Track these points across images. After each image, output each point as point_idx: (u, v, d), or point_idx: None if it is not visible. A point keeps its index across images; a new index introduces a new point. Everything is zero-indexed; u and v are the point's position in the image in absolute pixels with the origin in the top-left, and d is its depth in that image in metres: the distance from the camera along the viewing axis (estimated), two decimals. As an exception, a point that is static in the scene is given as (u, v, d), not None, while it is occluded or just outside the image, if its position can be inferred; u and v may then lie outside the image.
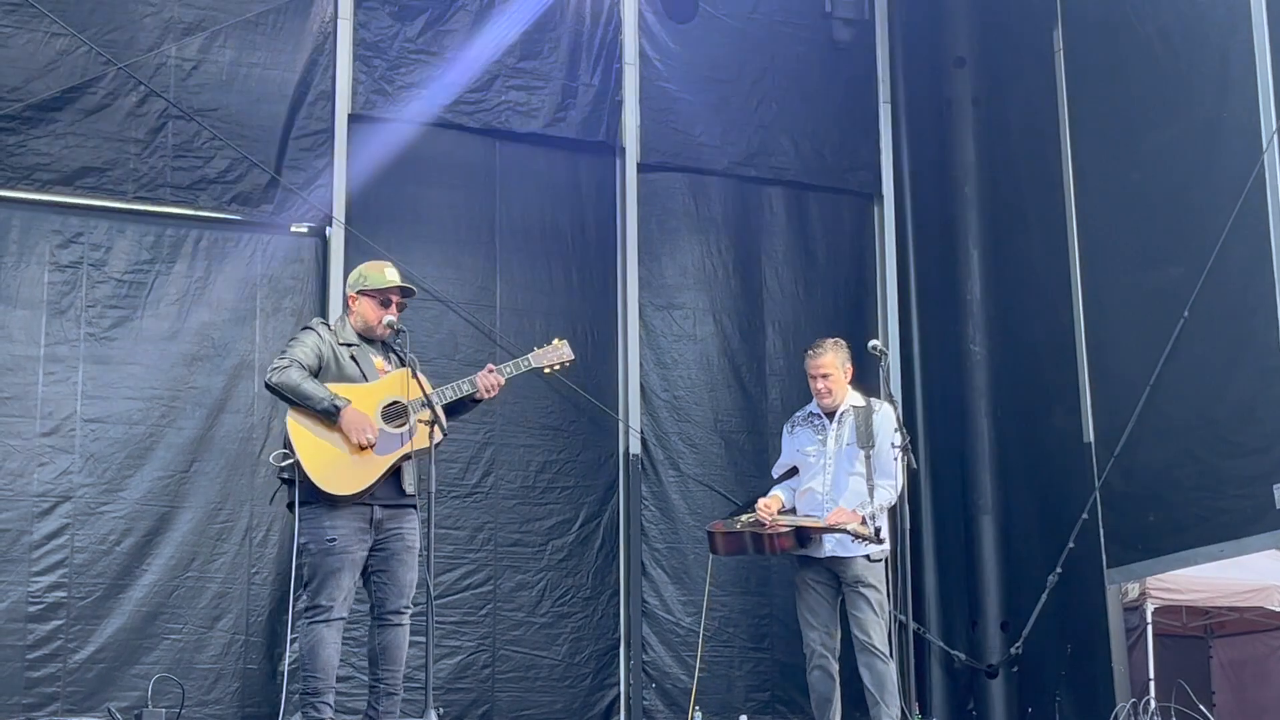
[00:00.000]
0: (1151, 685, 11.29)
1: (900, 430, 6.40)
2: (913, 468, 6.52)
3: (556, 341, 6.19)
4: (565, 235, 8.64)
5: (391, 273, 5.97)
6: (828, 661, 6.52)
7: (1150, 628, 12.06)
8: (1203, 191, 7.30)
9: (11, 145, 7.40)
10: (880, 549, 6.44)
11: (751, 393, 8.89)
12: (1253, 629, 13.60)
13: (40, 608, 7.16)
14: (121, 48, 7.67)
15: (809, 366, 6.66)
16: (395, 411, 5.75)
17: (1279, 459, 6.81)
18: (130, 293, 7.60)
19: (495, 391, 5.94)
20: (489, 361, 6.24)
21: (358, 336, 5.93)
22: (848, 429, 6.57)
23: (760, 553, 6.66)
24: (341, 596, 5.67)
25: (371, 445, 5.64)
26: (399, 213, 8.24)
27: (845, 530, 6.31)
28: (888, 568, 6.49)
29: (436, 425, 5.59)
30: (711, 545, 6.76)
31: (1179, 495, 7.38)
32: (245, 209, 7.85)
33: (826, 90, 9.31)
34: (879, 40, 9.53)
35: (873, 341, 6.59)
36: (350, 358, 5.85)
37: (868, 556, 6.43)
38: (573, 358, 6.19)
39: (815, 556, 6.49)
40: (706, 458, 8.70)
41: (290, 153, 7.97)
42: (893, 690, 6.35)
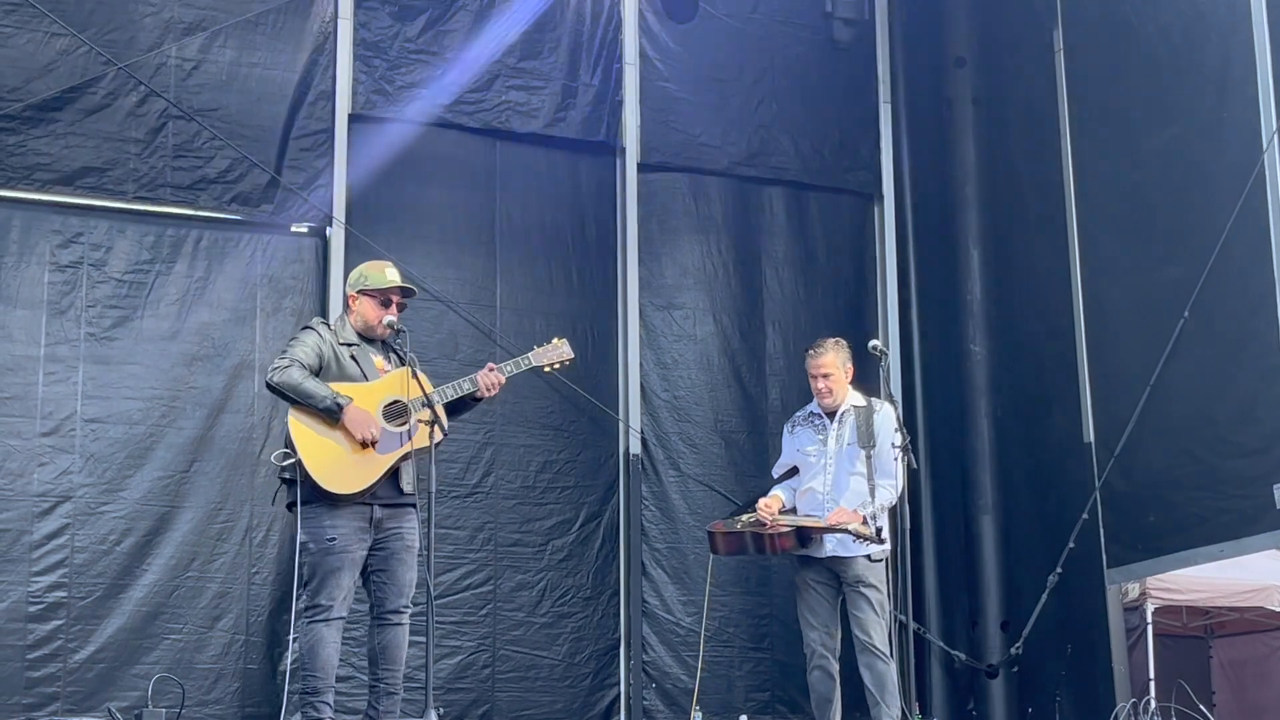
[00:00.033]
0: (1151, 685, 11.27)
1: (900, 430, 6.41)
2: (913, 468, 6.53)
3: (556, 340, 6.21)
4: (565, 235, 8.64)
5: (392, 273, 5.97)
6: (828, 662, 6.52)
7: (1150, 628, 12.05)
8: (1203, 191, 7.30)
9: (11, 145, 7.40)
10: (881, 549, 6.44)
11: (751, 393, 8.88)
12: (1253, 629, 13.58)
13: (40, 608, 7.16)
14: (121, 48, 7.67)
15: (810, 366, 6.66)
16: (396, 411, 5.75)
17: (1279, 459, 6.81)
18: (130, 293, 7.60)
19: (496, 390, 5.95)
20: (489, 361, 6.23)
21: (358, 336, 5.93)
22: (849, 429, 6.57)
23: (761, 553, 6.66)
24: (341, 596, 5.68)
25: (375, 442, 5.65)
26: (399, 213, 8.24)
27: (847, 530, 6.31)
28: (888, 568, 6.49)
29: (437, 425, 5.59)
30: (712, 545, 6.76)
31: (1179, 495, 7.38)
32: (245, 209, 7.85)
33: (826, 90, 9.30)
34: (879, 40, 9.52)
35: (873, 341, 6.60)
36: (350, 357, 5.85)
37: (869, 556, 6.43)
38: (572, 356, 6.22)
39: (816, 556, 6.49)
40: (707, 458, 8.70)
41: (290, 153, 7.97)
42: (893, 690, 6.34)
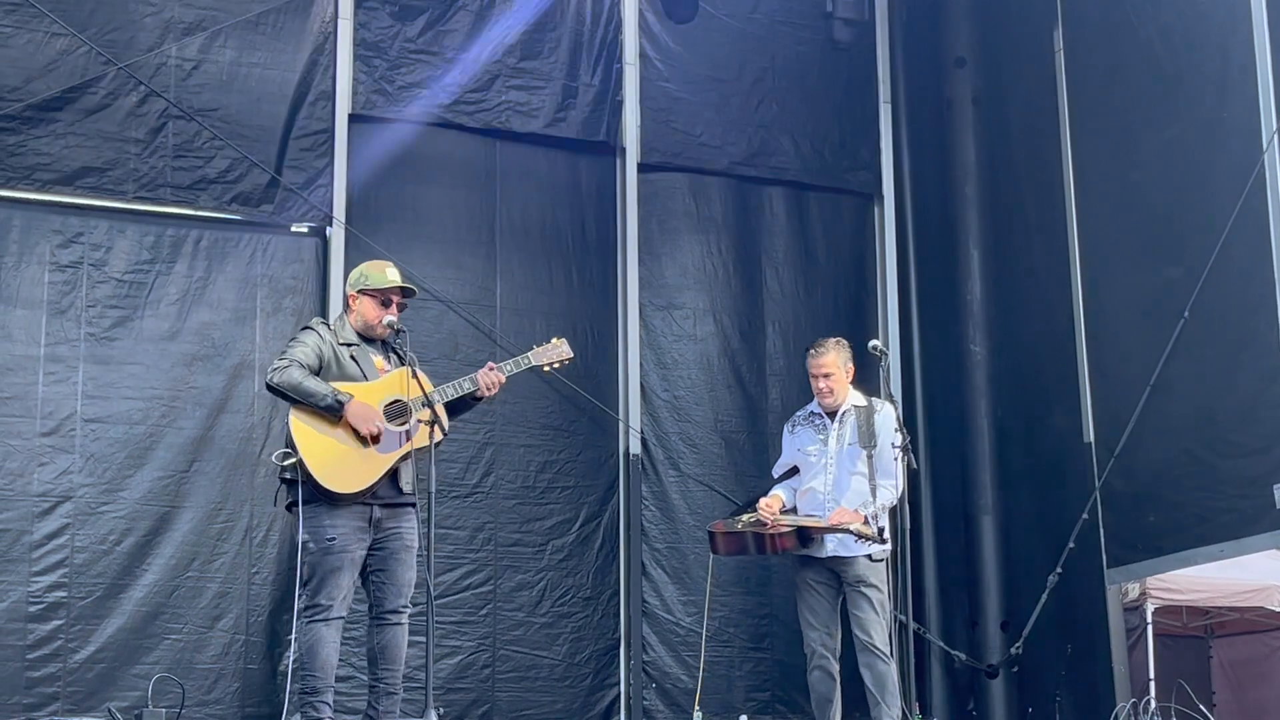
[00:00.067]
0: (1152, 685, 11.27)
1: (901, 430, 6.41)
2: (913, 468, 6.53)
3: (555, 340, 6.22)
4: (565, 235, 8.64)
5: (392, 272, 5.97)
6: (828, 662, 6.52)
7: (1150, 628, 12.04)
8: (1203, 191, 7.29)
9: (11, 145, 7.40)
10: (882, 549, 6.44)
11: (752, 393, 8.88)
12: (1253, 629, 13.57)
13: (40, 608, 7.16)
14: (122, 48, 7.67)
15: (811, 366, 6.66)
16: (396, 410, 5.75)
17: (1279, 459, 6.81)
18: (130, 293, 7.60)
19: (496, 389, 5.95)
20: (489, 361, 6.23)
21: (358, 336, 5.93)
22: (849, 429, 6.57)
23: (761, 553, 6.66)
24: (341, 595, 5.68)
25: (379, 437, 5.65)
26: (399, 213, 8.24)
27: (848, 530, 6.31)
28: (888, 568, 6.49)
29: (437, 424, 5.59)
30: (712, 545, 6.76)
31: (1179, 495, 7.38)
32: (245, 209, 7.85)
33: (826, 90, 9.31)
34: (879, 40, 9.53)
35: (873, 341, 6.60)
36: (350, 357, 5.85)
37: (869, 556, 6.43)
38: (571, 356, 6.23)
39: (816, 556, 6.49)
40: (707, 458, 8.70)
41: (290, 153, 7.97)
42: (893, 690, 6.35)
